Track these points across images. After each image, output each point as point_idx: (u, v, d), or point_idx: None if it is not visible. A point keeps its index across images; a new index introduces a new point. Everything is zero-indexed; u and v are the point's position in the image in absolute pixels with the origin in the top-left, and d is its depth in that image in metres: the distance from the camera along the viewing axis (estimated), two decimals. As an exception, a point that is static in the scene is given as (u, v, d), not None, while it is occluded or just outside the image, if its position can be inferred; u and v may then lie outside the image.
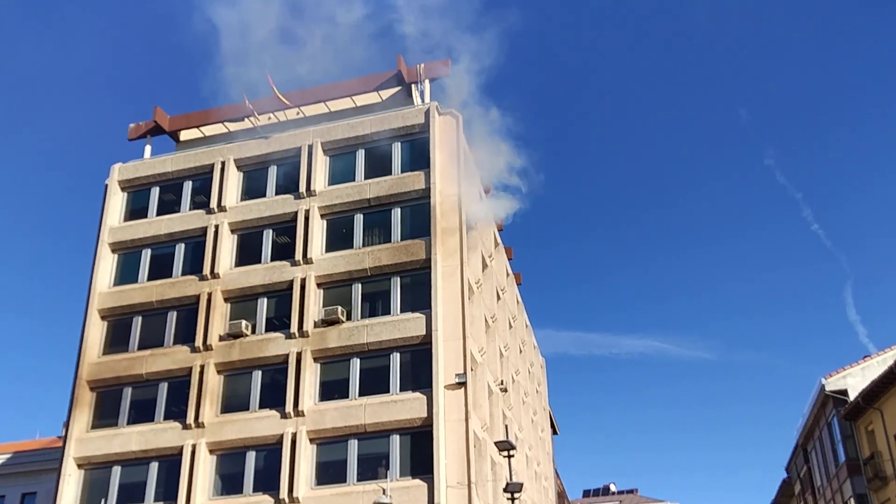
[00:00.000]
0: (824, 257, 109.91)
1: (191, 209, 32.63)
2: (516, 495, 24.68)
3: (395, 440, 26.35)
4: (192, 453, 27.82)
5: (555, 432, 56.99)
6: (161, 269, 31.83)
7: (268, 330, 29.46)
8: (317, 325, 28.64)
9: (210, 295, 30.21)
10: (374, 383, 27.40)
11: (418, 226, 29.35)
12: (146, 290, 31.35)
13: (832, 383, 37.33)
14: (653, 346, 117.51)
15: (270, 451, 27.33)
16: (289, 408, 27.37)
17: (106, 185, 33.81)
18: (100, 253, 32.42)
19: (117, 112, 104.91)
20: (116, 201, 33.58)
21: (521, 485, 25.14)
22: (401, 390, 26.99)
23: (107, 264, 32.44)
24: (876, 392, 32.91)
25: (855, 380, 36.59)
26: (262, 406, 28.23)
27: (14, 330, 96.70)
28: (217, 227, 31.40)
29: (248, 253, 31.09)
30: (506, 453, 25.67)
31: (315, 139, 31.74)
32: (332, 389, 27.86)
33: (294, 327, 28.66)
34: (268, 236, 31.13)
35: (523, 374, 42.41)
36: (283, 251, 30.56)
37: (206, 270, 30.65)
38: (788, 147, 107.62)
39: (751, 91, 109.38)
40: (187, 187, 33.19)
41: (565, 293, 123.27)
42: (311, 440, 27.13)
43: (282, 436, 27.07)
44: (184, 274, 31.34)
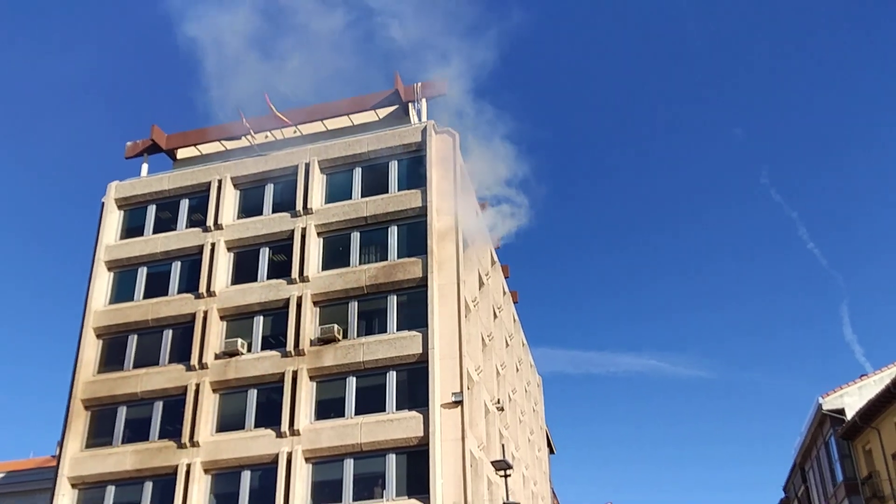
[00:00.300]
0: (820, 276, 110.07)
1: (187, 227, 32.62)
2: (513, 515, 24.57)
3: (392, 459, 26.20)
4: (187, 473, 27.62)
5: (552, 451, 56.78)
6: (157, 287, 31.78)
7: (264, 348, 29.37)
8: (313, 343, 28.57)
9: (206, 313, 30.14)
10: (371, 402, 27.29)
11: (415, 244, 29.37)
12: (142, 309, 31.28)
13: (829, 402, 37.31)
14: (649, 365, 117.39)
15: (266, 471, 27.16)
16: (284, 427, 27.24)
17: (102, 203, 33.82)
18: (96, 271, 32.37)
19: (114, 130, 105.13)
20: (113, 219, 33.57)
21: (518, 504, 25.04)
22: (397, 409, 26.87)
23: (102, 282, 32.39)
24: (873, 411, 32.90)
25: (852, 399, 36.60)
26: (257, 425, 28.08)
27: (9, 348, 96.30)
28: (213, 245, 31.38)
29: (244, 271, 31.06)
30: (502, 473, 25.60)
31: (312, 157, 31.80)
32: (328, 408, 27.74)
33: (290, 345, 28.58)
34: (264, 254, 31.11)
35: (520, 392, 42.30)
36: (280, 269, 30.53)
37: (203, 288, 30.60)
38: (784, 166, 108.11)
39: (746, 110, 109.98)
40: (184, 205, 33.19)
41: (561, 311, 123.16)
42: (307, 459, 26.97)
43: (277, 455, 26.92)
44: (180, 292, 31.28)
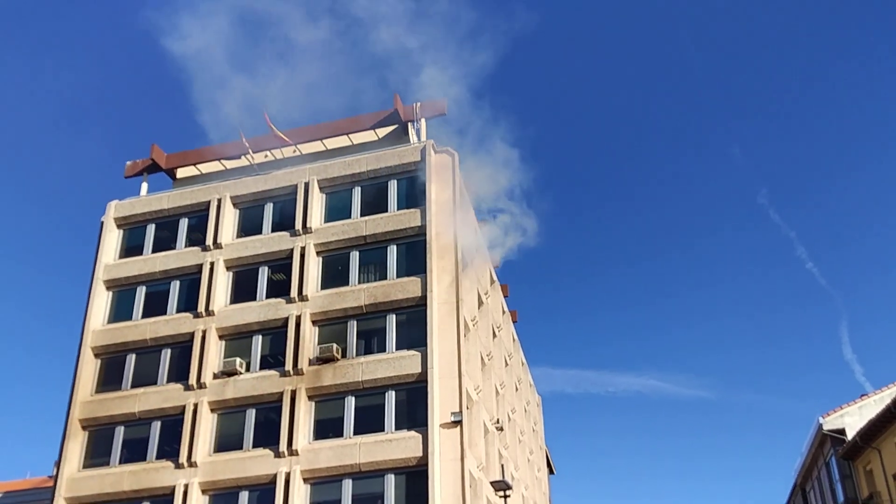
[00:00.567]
0: (819, 296, 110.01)
1: (186, 246, 32.61)
2: (513, 536, 24.39)
3: (391, 480, 26.05)
4: (185, 493, 27.45)
5: (551, 472, 56.44)
6: (155, 307, 31.73)
7: (262, 368, 29.28)
8: (312, 362, 28.49)
9: (204, 332, 30.08)
10: (369, 422, 27.18)
11: (414, 263, 29.37)
12: (140, 328, 31.21)
13: (830, 422, 37.11)
14: (649, 385, 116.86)
15: (264, 491, 27.00)
16: (283, 447, 27.10)
17: (102, 222, 33.85)
18: (94, 290, 32.34)
19: (114, 149, 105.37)
20: (112, 238, 33.58)
21: (518, 525, 24.87)
22: (396, 429, 26.77)
23: (101, 301, 32.34)
24: (874, 431, 32.72)
25: (853, 419, 36.38)
26: (255, 445, 27.94)
27: (6, 366, 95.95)
28: (212, 265, 31.36)
29: (243, 290, 31.03)
30: (502, 493, 25.45)
31: (311, 177, 31.85)
32: (327, 428, 27.62)
33: (289, 365, 28.49)
34: (263, 273, 31.08)
35: (519, 412, 42.13)
36: (279, 288, 30.50)
37: (201, 308, 30.55)
38: (782, 186, 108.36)
39: (744, 130, 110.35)
40: (183, 224, 33.22)
41: (561, 330, 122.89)
42: (305, 480, 26.82)
43: (275, 475, 26.77)
44: (178, 311, 31.23)
